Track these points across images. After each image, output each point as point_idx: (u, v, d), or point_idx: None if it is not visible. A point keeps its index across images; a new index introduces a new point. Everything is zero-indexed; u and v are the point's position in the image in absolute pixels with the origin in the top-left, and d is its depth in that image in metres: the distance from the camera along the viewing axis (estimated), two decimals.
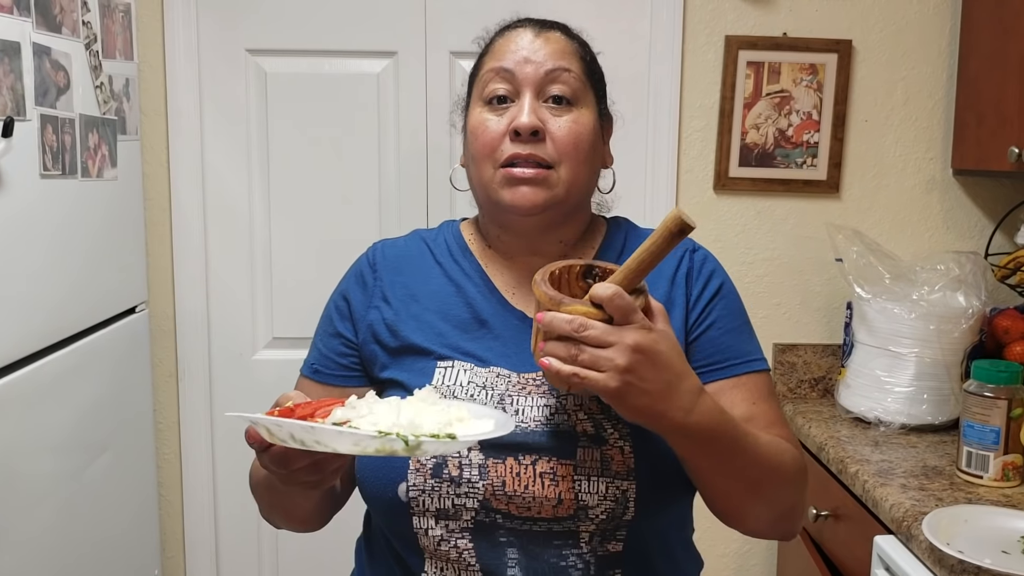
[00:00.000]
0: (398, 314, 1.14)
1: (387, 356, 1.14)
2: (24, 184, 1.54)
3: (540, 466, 1.03)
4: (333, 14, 2.22)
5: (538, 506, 1.02)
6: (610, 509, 1.03)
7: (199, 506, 2.37)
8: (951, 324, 1.98)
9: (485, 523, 1.03)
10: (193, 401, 2.34)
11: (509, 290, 1.16)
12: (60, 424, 1.69)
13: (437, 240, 1.22)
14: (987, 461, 1.70)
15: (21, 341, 1.56)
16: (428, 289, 1.16)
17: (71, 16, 1.71)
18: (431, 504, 1.03)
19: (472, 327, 1.13)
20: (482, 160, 1.11)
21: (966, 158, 2.18)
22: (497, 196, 1.10)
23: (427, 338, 1.12)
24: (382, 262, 1.19)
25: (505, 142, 1.09)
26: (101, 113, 1.84)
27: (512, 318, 1.14)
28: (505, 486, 1.02)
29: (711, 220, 2.29)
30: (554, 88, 1.11)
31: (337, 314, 1.19)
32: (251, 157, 2.27)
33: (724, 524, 1.09)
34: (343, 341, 1.17)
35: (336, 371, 1.17)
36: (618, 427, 1.05)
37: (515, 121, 1.09)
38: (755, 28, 2.23)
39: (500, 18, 1.22)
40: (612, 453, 1.04)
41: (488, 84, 1.12)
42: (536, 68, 1.11)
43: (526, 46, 1.12)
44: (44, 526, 1.63)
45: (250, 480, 1.18)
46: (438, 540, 1.04)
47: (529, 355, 1.06)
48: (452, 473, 1.03)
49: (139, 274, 2.09)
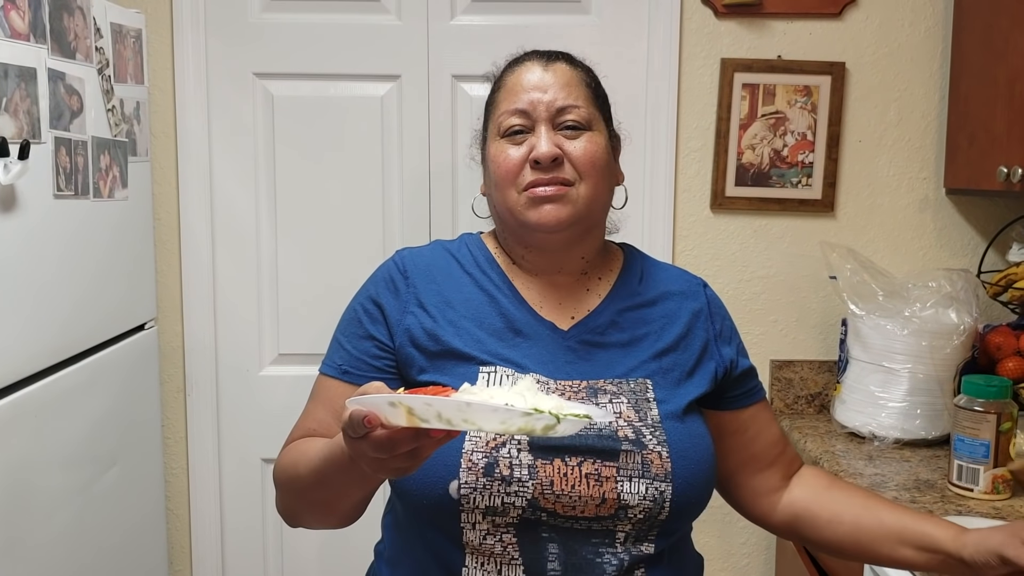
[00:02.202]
0: (436, 320, 1.19)
1: (425, 360, 1.18)
2: (38, 204, 1.60)
3: (586, 467, 1.10)
4: (338, 39, 2.28)
5: (583, 505, 1.10)
6: (648, 509, 1.11)
7: (206, 520, 2.41)
8: (943, 340, 2.01)
9: (530, 520, 1.10)
10: (201, 416, 2.38)
11: (536, 303, 1.23)
12: (70, 438, 1.74)
13: (461, 251, 1.27)
14: (977, 474, 1.73)
15: (33, 357, 1.61)
16: (462, 297, 1.22)
17: (85, 42, 1.76)
18: (481, 502, 1.08)
19: (507, 335, 1.19)
20: (506, 186, 1.19)
21: (958, 177, 2.23)
22: (524, 217, 1.18)
23: (467, 344, 1.17)
24: (413, 269, 1.24)
25: (526, 169, 1.18)
26: (113, 135, 1.90)
27: (544, 328, 1.21)
28: (553, 485, 1.09)
29: (708, 239, 2.34)
30: (566, 119, 1.20)
31: (367, 317, 1.22)
32: (258, 178, 2.33)
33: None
34: (377, 344, 1.21)
35: (368, 372, 1.20)
36: (655, 433, 1.14)
37: (534, 151, 1.17)
38: (750, 51, 2.28)
39: (500, 43, 1.30)
40: (652, 457, 1.12)
41: (504, 122, 1.21)
42: (548, 106, 1.19)
43: (536, 83, 1.21)
44: (54, 538, 1.67)
45: (282, 475, 1.18)
46: (483, 535, 1.10)
47: (564, 363, 1.18)
48: (503, 472, 1.09)
49: (148, 292, 2.14)
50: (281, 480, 1.19)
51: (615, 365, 1.20)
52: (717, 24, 2.28)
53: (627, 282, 1.27)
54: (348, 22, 2.28)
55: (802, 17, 2.28)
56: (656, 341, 1.23)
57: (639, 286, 1.27)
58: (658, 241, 2.32)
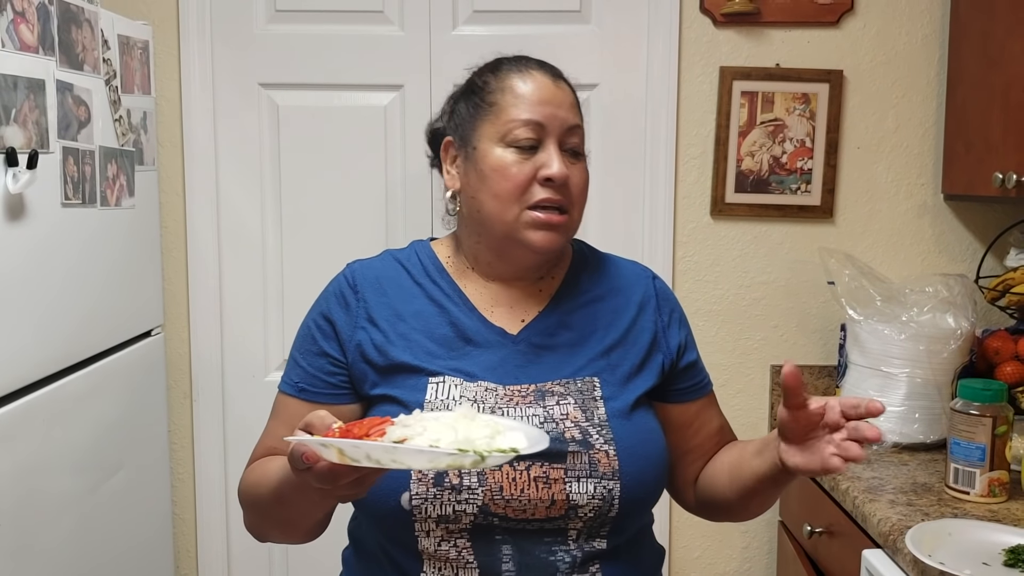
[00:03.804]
0: (386, 334, 1.21)
1: (377, 375, 1.20)
2: (46, 213, 1.63)
3: (534, 471, 1.12)
4: (342, 50, 2.31)
5: (533, 508, 1.11)
6: (597, 507, 1.13)
7: (212, 524, 2.43)
8: (940, 345, 2.02)
9: (483, 525, 1.11)
10: (207, 422, 2.41)
11: (487, 309, 1.25)
12: (77, 443, 1.77)
13: (411, 260, 1.28)
14: (973, 477, 1.74)
15: (40, 362, 1.64)
16: (411, 309, 1.23)
17: (92, 54, 1.80)
18: (433, 511, 1.11)
19: (457, 344, 1.21)
20: (509, 200, 1.18)
21: (956, 183, 2.24)
22: (520, 235, 1.19)
23: (416, 356, 1.19)
24: (363, 283, 1.25)
25: (534, 186, 1.18)
26: (120, 145, 1.93)
27: (493, 335, 1.22)
28: (503, 491, 1.11)
29: (708, 245, 2.36)
30: (571, 141, 1.22)
31: (320, 334, 1.24)
32: (263, 186, 2.36)
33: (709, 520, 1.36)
34: (330, 360, 1.23)
35: (324, 389, 1.22)
36: (602, 432, 1.15)
37: (547, 169, 1.18)
38: (749, 59, 2.30)
39: (501, 53, 1.30)
40: (599, 456, 1.14)
41: (514, 130, 1.19)
42: (561, 123, 1.20)
43: (549, 97, 1.21)
44: (62, 541, 1.70)
45: (246, 496, 1.22)
46: (438, 541, 1.12)
47: (513, 368, 1.18)
48: (453, 481, 1.11)
49: (155, 299, 2.17)
50: (245, 500, 1.22)
51: (563, 366, 1.21)
52: (716, 33, 2.30)
53: (575, 279, 1.29)
54: (352, 33, 2.31)
55: (800, 26, 2.30)
56: (604, 337, 1.24)
57: (587, 282, 1.29)
58: (658, 248, 2.34)
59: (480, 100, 1.24)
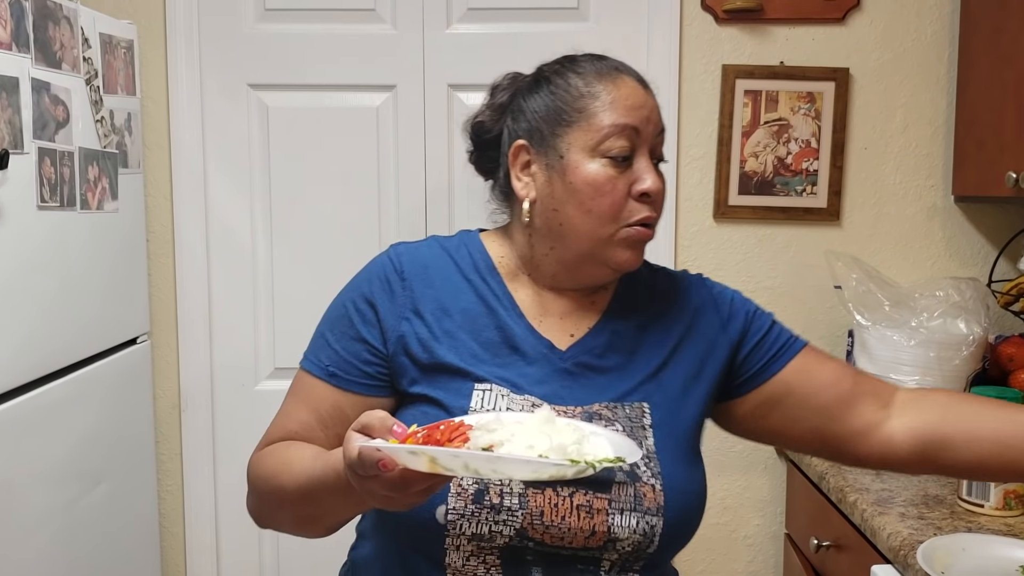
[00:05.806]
0: (431, 329, 1.13)
1: (418, 371, 1.12)
2: (21, 215, 1.58)
3: (577, 498, 1.06)
4: (333, 49, 2.26)
5: (571, 536, 1.06)
6: (637, 543, 1.08)
7: (201, 538, 2.37)
8: (952, 351, 1.96)
9: (516, 547, 1.06)
10: (196, 432, 2.35)
11: (536, 318, 1.17)
12: (54, 453, 1.71)
13: (460, 252, 1.20)
14: (988, 489, 1.67)
15: (17, 370, 1.58)
16: (459, 305, 1.15)
17: (71, 52, 1.75)
18: (468, 528, 1.05)
19: (504, 352, 1.14)
20: (604, 218, 1.11)
21: (967, 184, 2.18)
22: (610, 254, 1.13)
23: (462, 358, 1.12)
24: (410, 270, 1.16)
25: (629, 203, 1.12)
26: (102, 147, 1.88)
27: (541, 347, 1.15)
28: (543, 516, 1.05)
29: (711, 248, 2.30)
30: (658, 148, 1.16)
31: (359, 318, 1.15)
32: (253, 189, 2.30)
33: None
34: (369, 348, 1.14)
35: (358, 378, 1.14)
36: (650, 465, 1.10)
37: (643, 183, 1.12)
38: (752, 57, 2.24)
39: (496, 51, 1.25)
40: (645, 490, 1.08)
41: (609, 138, 1.11)
42: (654, 128, 1.15)
43: (641, 103, 1.14)
44: (39, 555, 1.64)
45: (261, 483, 1.12)
46: (467, 556, 1.07)
47: (560, 387, 1.12)
48: (493, 500, 1.05)
49: (141, 305, 2.12)
50: (259, 487, 1.13)
51: (611, 388, 1.14)
52: (718, 30, 2.24)
53: (630, 292, 1.22)
54: (343, 32, 2.25)
55: (804, 23, 2.24)
56: (654, 357, 1.17)
57: (640, 296, 1.22)
58: (660, 251, 2.27)
59: (564, 104, 1.14)
